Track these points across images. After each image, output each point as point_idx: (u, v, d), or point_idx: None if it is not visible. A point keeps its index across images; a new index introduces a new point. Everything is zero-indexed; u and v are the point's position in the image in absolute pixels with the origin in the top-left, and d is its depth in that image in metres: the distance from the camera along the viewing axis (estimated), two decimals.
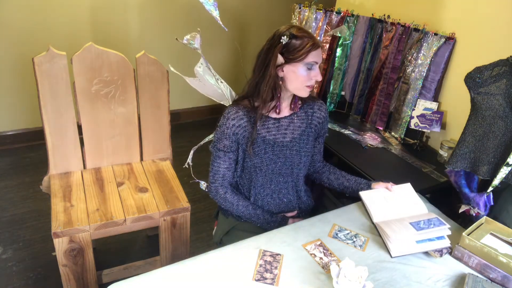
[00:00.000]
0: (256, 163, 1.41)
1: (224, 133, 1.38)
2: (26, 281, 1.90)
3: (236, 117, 1.36)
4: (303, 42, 1.29)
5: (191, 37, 1.42)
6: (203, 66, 1.53)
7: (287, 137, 1.43)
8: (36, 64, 1.60)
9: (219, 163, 1.43)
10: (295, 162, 1.45)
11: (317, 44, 1.31)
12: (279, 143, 1.42)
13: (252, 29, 3.52)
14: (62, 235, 1.50)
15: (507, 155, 1.32)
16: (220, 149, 1.40)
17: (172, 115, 1.95)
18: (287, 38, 1.29)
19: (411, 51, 2.00)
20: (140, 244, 2.18)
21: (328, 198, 2.09)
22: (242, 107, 1.38)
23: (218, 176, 1.44)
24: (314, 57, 1.30)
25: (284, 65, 1.32)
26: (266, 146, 1.40)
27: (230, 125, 1.36)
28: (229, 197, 1.46)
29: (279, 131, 1.42)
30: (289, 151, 1.44)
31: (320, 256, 1.21)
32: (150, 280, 1.09)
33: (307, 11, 2.25)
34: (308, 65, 1.31)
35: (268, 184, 1.47)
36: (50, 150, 1.75)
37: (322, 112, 1.49)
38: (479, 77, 1.37)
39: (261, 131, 1.39)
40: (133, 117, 1.85)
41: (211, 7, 1.42)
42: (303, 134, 1.45)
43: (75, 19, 2.76)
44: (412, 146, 2.02)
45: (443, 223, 1.26)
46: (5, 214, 2.28)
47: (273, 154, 1.42)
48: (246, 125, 1.37)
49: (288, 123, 1.43)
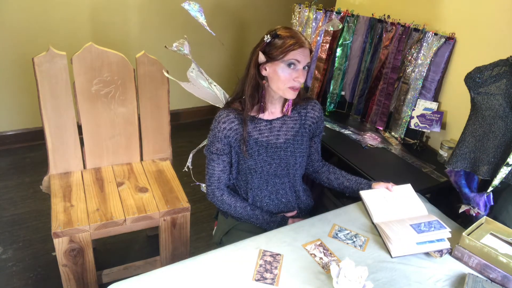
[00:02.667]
0: (250, 165, 1.41)
1: (216, 136, 1.38)
2: (26, 281, 1.90)
3: (227, 120, 1.37)
4: (285, 41, 1.28)
5: (179, 44, 1.42)
6: (195, 70, 1.54)
7: (280, 139, 1.43)
8: (36, 64, 1.60)
9: (213, 166, 1.43)
10: (290, 163, 1.45)
11: (300, 43, 1.28)
12: (272, 144, 1.42)
13: (252, 29, 3.52)
14: (62, 235, 1.50)
15: (507, 155, 1.32)
16: (214, 152, 1.41)
17: (172, 115, 1.95)
18: (270, 37, 1.29)
19: (411, 51, 2.00)
20: (140, 244, 2.18)
21: (328, 198, 2.09)
22: (232, 109, 1.39)
23: (214, 179, 1.45)
24: (295, 56, 1.28)
25: (267, 64, 1.32)
26: (259, 148, 1.40)
27: (221, 128, 1.37)
28: (226, 199, 1.46)
29: (272, 133, 1.42)
30: (284, 152, 1.43)
31: (320, 256, 1.21)
32: (150, 280, 1.09)
33: (307, 11, 2.25)
34: (289, 64, 1.28)
35: (264, 185, 1.47)
36: (50, 150, 1.75)
37: (316, 112, 1.48)
38: (479, 77, 1.37)
39: (253, 133, 1.39)
40: (133, 117, 1.85)
41: (196, 13, 1.42)
42: (296, 135, 1.45)
43: (75, 19, 2.76)
44: (412, 146, 2.02)
45: (443, 226, 1.26)
46: (5, 214, 2.28)
47: (267, 155, 1.42)
48: (238, 128, 1.38)
49: (280, 124, 1.43)
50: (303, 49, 1.29)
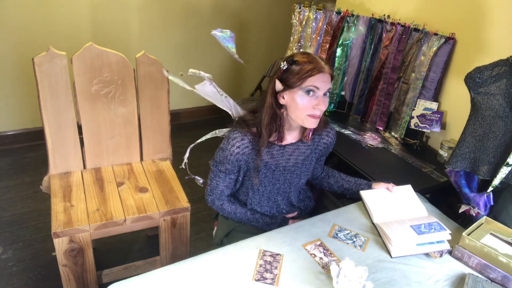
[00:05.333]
0: (254, 184, 1.39)
1: (227, 158, 1.33)
2: (26, 281, 1.89)
3: (241, 145, 1.30)
4: (303, 66, 1.20)
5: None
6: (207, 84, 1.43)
7: (290, 162, 1.40)
8: (36, 64, 1.60)
9: (217, 181, 1.40)
10: (293, 183, 1.45)
11: (319, 68, 1.20)
12: (281, 167, 1.39)
13: (252, 29, 3.52)
14: (62, 235, 1.50)
15: (507, 155, 1.32)
16: (222, 171, 1.37)
17: (172, 115, 1.95)
18: (287, 64, 1.23)
19: (411, 51, 2.00)
20: (140, 244, 2.18)
21: (328, 198, 2.09)
22: (248, 134, 1.31)
23: (216, 192, 1.42)
24: (314, 82, 1.20)
25: (284, 92, 1.25)
26: (267, 171, 1.38)
27: (234, 153, 1.31)
28: (226, 207, 1.46)
29: (283, 157, 1.38)
30: (290, 175, 1.42)
31: (320, 256, 1.21)
32: (150, 280, 1.09)
33: (307, 11, 2.25)
34: (308, 91, 1.21)
35: (265, 202, 1.47)
36: (50, 150, 1.75)
37: (330, 138, 1.46)
38: (479, 77, 1.37)
39: (264, 157, 1.35)
40: (133, 117, 1.85)
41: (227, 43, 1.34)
42: (306, 159, 1.42)
43: (75, 19, 2.76)
44: (412, 146, 2.02)
45: (443, 228, 1.27)
46: (5, 214, 2.28)
47: (273, 177, 1.40)
48: (250, 153, 1.33)
49: (293, 149, 1.38)
50: (322, 75, 1.21)
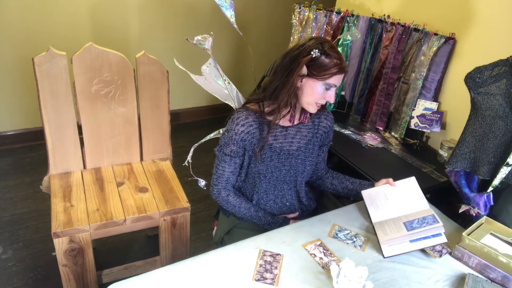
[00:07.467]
0: (261, 169, 1.40)
1: (232, 139, 1.35)
2: (26, 281, 1.89)
3: (246, 123, 1.34)
4: (331, 62, 1.27)
5: (202, 38, 1.39)
6: (211, 66, 1.50)
7: (293, 146, 1.42)
8: (36, 64, 1.60)
9: (223, 167, 1.41)
10: (299, 171, 1.45)
11: (343, 68, 1.29)
12: (285, 151, 1.41)
13: (252, 29, 3.52)
14: (62, 235, 1.50)
15: (507, 155, 1.32)
16: (227, 154, 1.38)
17: (172, 115, 1.95)
18: (318, 53, 1.26)
19: (411, 51, 2.00)
20: (140, 244, 2.18)
21: (328, 198, 2.09)
22: (251, 112, 1.36)
23: (222, 179, 1.43)
24: (335, 81, 1.29)
25: (305, 77, 1.30)
26: (272, 154, 1.39)
27: (239, 131, 1.34)
28: (231, 200, 1.46)
29: (286, 139, 1.41)
30: (295, 160, 1.43)
31: (320, 256, 1.21)
32: (150, 280, 1.09)
33: (307, 11, 2.25)
34: (327, 86, 1.30)
35: (271, 190, 1.47)
36: (50, 150, 1.75)
37: (329, 122, 1.49)
38: (479, 77, 1.37)
39: (268, 138, 1.37)
40: (133, 117, 1.85)
41: (227, 10, 1.38)
42: (309, 143, 1.45)
43: (75, 19, 2.76)
44: (412, 146, 2.02)
45: (436, 221, 1.25)
46: (5, 214, 2.28)
47: (279, 162, 1.41)
48: (255, 132, 1.35)
49: (295, 132, 1.42)
50: (343, 74, 1.31)
